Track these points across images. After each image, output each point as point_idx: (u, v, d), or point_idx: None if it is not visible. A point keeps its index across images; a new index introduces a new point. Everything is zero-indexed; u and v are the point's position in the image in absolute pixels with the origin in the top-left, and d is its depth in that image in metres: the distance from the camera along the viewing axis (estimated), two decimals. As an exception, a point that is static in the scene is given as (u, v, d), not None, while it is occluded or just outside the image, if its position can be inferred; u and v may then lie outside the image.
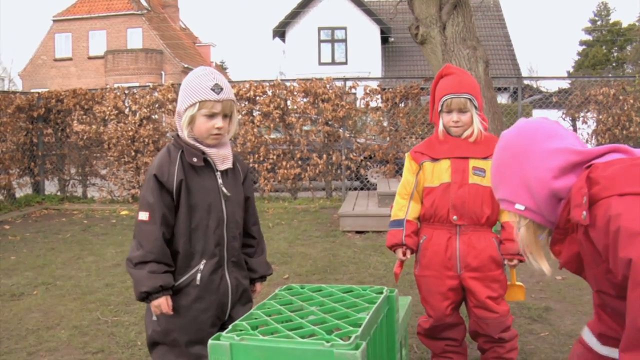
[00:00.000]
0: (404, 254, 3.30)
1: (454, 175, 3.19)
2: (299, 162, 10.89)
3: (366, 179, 11.45)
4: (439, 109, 3.23)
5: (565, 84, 14.00)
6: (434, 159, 3.25)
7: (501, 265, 3.26)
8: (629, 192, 1.51)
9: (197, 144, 2.56)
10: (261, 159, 10.89)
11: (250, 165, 10.94)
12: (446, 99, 3.18)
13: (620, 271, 1.47)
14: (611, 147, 1.70)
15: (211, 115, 2.52)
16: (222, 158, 2.63)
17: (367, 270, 5.92)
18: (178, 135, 2.61)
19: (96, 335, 4.36)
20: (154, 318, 2.58)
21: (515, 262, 3.22)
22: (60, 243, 7.94)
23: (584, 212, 1.56)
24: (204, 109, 2.50)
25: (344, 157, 10.96)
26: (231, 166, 2.67)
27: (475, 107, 3.21)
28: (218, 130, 2.54)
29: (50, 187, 12.26)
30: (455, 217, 3.18)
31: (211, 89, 2.50)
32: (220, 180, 2.61)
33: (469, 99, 3.17)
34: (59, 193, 12.07)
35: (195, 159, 2.54)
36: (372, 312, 2.00)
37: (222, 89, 2.53)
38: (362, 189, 11.30)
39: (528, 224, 1.78)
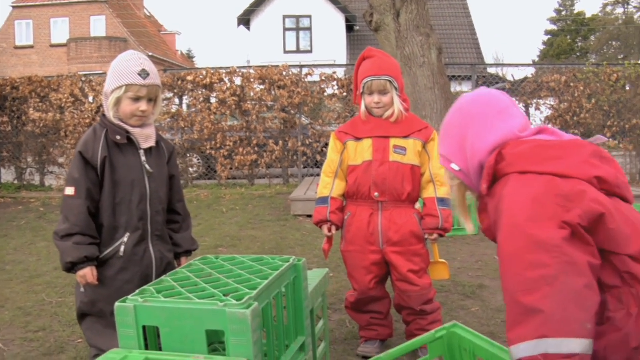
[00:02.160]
0: (329, 230, 3.45)
1: (376, 153, 3.34)
2: (256, 149, 11.00)
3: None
4: (361, 90, 3.38)
5: (525, 73, 14.28)
6: (357, 139, 3.40)
7: (422, 240, 3.42)
8: (530, 170, 1.62)
9: (121, 124, 2.69)
10: (218, 146, 10.96)
11: (208, 152, 11.01)
12: (367, 81, 3.33)
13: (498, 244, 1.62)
14: (541, 128, 1.79)
15: (136, 99, 2.66)
16: (146, 137, 2.76)
17: (312, 252, 6.07)
18: (104, 115, 2.74)
19: (39, 315, 4.44)
20: (82, 290, 2.71)
21: (435, 236, 3.39)
22: (14, 230, 7.95)
23: (486, 185, 1.70)
24: (130, 92, 2.64)
25: (300, 144, 11.08)
26: (154, 145, 2.80)
27: (396, 89, 3.35)
28: (142, 113, 2.69)
29: (7, 175, 12.19)
30: (377, 193, 3.33)
31: (138, 74, 2.64)
32: (143, 158, 2.74)
33: (389, 80, 3.32)
34: (16, 181, 11.99)
35: (118, 137, 2.67)
36: (271, 277, 2.14)
37: (148, 74, 2.67)
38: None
39: (459, 184, 1.89)
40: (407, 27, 9.07)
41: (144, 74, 2.65)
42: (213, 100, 11.12)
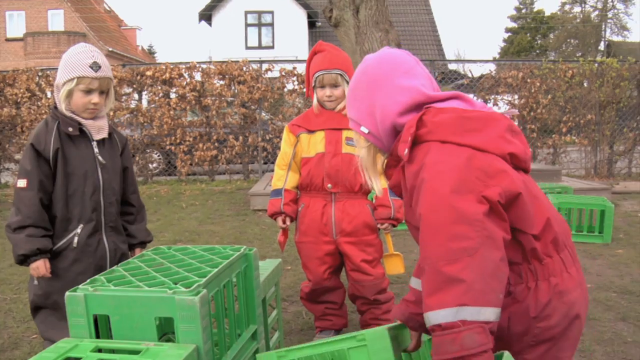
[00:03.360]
0: (284, 222, 3.49)
1: (328, 145, 3.39)
2: (216, 144, 10.98)
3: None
4: (313, 84, 3.43)
5: (485, 69, 14.51)
6: (310, 131, 3.45)
7: (375, 230, 3.49)
8: (450, 140, 1.65)
9: (73, 116, 2.69)
10: (178, 141, 10.91)
11: (167, 148, 10.95)
12: (318, 75, 3.38)
13: (417, 212, 1.65)
14: (453, 93, 1.80)
15: (88, 91, 2.67)
16: (98, 128, 2.77)
17: (271, 246, 6.11)
18: (56, 107, 2.74)
19: (-7, 311, 4.40)
20: (35, 282, 2.71)
21: (386, 225, 3.45)
22: (-32, 226, 7.80)
23: (406, 150, 1.70)
24: (81, 84, 2.65)
25: (260, 139, 11.10)
26: (107, 136, 2.81)
27: (347, 82, 3.41)
28: (94, 106, 2.69)
29: (-38, 172, 11.95)
30: (329, 185, 3.38)
31: (89, 66, 2.65)
32: (96, 150, 2.75)
33: (340, 74, 3.37)
34: (-29, 178, 11.78)
35: (70, 129, 2.67)
36: (221, 266, 2.17)
37: (100, 66, 2.68)
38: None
39: (369, 147, 1.89)
40: (367, 23, 9.14)
41: (95, 66, 2.66)
42: (173, 96, 11.07)
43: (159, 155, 11.52)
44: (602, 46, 44.99)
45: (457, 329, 1.49)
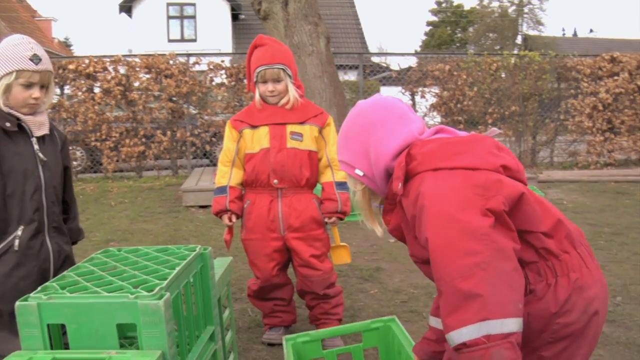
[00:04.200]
0: (230, 219, 3.42)
1: (273, 140, 3.34)
2: (143, 140, 10.70)
3: (213, 155, 11.46)
4: (255, 79, 3.36)
5: (409, 62, 14.70)
6: (253, 126, 3.39)
7: (323, 225, 3.47)
8: (442, 166, 1.69)
9: (11, 111, 2.53)
10: (103, 137, 10.57)
11: (92, 144, 10.60)
12: (260, 70, 3.32)
13: (422, 239, 1.67)
14: (438, 128, 1.87)
15: (28, 85, 2.51)
16: (39, 124, 2.62)
17: (207, 243, 6.00)
18: None
19: None
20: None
21: (334, 219, 3.44)
22: None
23: (400, 184, 1.73)
24: (21, 78, 2.49)
25: (189, 134, 10.90)
26: (48, 132, 2.67)
27: (290, 76, 3.37)
28: (35, 100, 2.55)
29: None
30: (275, 180, 3.34)
31: (29, 59, 2.49)
32: (36, 146, 2.59)
33: (282, 68, 3.32)
34: None
35: (8, 124, 2.50)
36: (180, 267, 2.09)
37: (40, 59, 2.53)
38: (208, 166, 11.31)
39: (364, 189, 1.92)
40: (296, 16, 9.10)
41: (35, 59, 2.50)
42: (97, 90, 10.69)
43: (82, 153, 11.12)
44: (519, 40, 46.49)
45: (484, 345, 1.49)
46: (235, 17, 27.71)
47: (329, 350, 2.51)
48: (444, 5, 55.28)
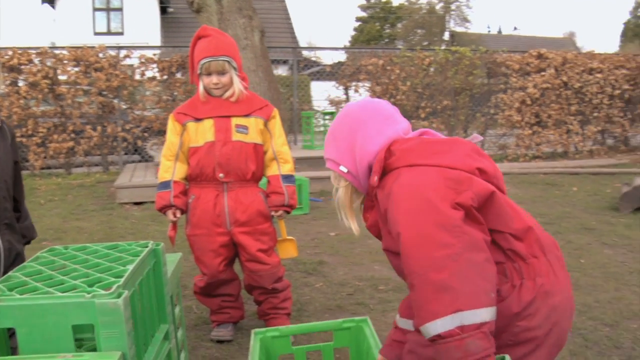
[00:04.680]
0: (174, 215, 3.33)
1: (218, 133, 3.27)
2: (72, 135, 10.34)
3: (144, 150, 11.21)
4: (198, 71, 3.28)
5: (340, 56, 14.78)
6: (197, 119, 3.31)
7: (269, 219, 3.42)
8: (418, 163, 1.72)
9: None
10: (29, 132, 10.16)
11: (18, 140, 10.15)
12: (204, 62, 3.24)
13: (394, 233, 1.68)
14: (421, 131, 1.92)
15: None
16: None
17: (145, 240, 5.79)
18: None
19: None
20: None
21: (280, 212, 3.40)
22: None
23: (377, 177, 1.78)
24: None
25: (120, 129, 10.61)
26: None
27: (235, 68, 3.30)
28: None
29: None
30: (221, 174, 3.27)
31: None
32: None
33: (227, 60, 3.26)
34: None
35: None
36: (135, 263, 2.01)
37: None
38: (140, 162, 11.06)
39: (347, 186, 1.95)
40: (230, 9, 8.99)
41: None
42: (21, 83, 10.25)
43: (6, 149, 10.64)
44: (446, 36, 47.45)
45: (458, 336, 1.51)
46: (163, 10, 27.18)
47: (298, 347, 2.47)
48: (372, 1, 55.82)
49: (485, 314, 1.52)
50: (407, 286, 1.67)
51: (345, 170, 1.91)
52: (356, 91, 12.39)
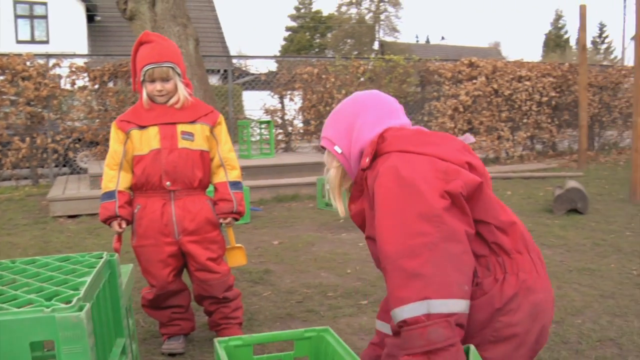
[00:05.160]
0: (120, 226, 3.23)
1: (163, 141, 3.20)
2: (-1, 147, 9.94)
3: (75, 162, 10.88)
4: (141, 78, 3.20)
5: (273, 64, 14.73)
6: (142, 127, 3.23)
7: (218, 227, 3.36)
8: (409, 150, 1.74)
9: None
10: (-48, 145, 9.71)
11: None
12: (147, 69, 3.17)
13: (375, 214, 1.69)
14: (417, 128, 1.95)
15: None
16: None
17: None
18: None
19: None
20: None
21: (229, 220, 3.35)
22: None
23: (368, 158, 1.80)
24: None
25: (50, 140, 10.26)
26: None
27: (179, 74, 3.24)
28: None
29: None
30: (168, 182, 3.19)
31: None
32: None
33: (171, 67, 3.19)
34: None
35: None
36: (93, 275, 1.93)
37: None
38: (71, 174, 10.72)
39: (338, 167, 1.97)
40: (164, 17, 8.88)
41: None
42: (-58, 93, 9.79)
43: None
44: (376, 46, 48.12)
45: (422, 323, 1.50)
46: (90, 18, 26.52)
47: (259, 356, 2.41)
48: (302, 11, 56.17)
49: (454, 305, 1.52)
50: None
51: (339, 151, 1.94)
52: (291, 100, 12.38)
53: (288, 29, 56.89)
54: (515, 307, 1.69)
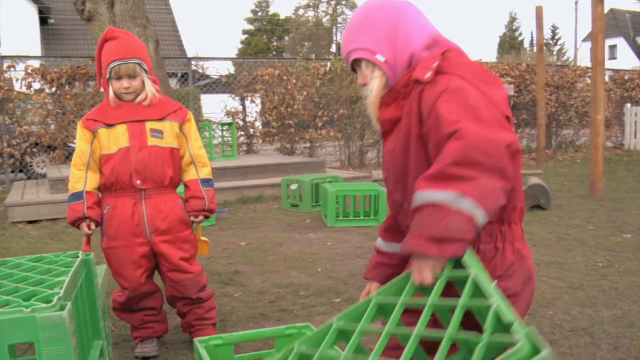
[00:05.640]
0: (89, 228, 3.14)
1: (132, 139, 3.12)
2: (-48, 152, 9.65)
3: (31, 167, 10.62)
4: (107, 75, 3.12)
5: (232, 67, 14.63)
6: (109, 125, 3.14)
7: (190, 225, 3.30)
8: (470, 80, 1.65)
9: None
10: None
11: None
12: (114, 66, 3.08)
13: (433, 128, 1.61)
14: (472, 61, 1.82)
15: None
16: None
17: (46, 258, 5.50)
18: None
19: None
20: None
21: (200, 218, 3.29)
22: None
23: (429, 72, 1.67)
24: None
25: (6, 145, 9.99)
26: None
27: (145, 71, 3.17)
28: None
29: None
30: (138, 181, 3.12)
31: None
32: None
33: (138, 63, 3.12)
34: None
35: None
36: (71, 274, 1.86)
37: None
38: (28, 179, 10.45)
39: (381, 76, 1.81)
40: (123, 18, 8.73)
41: None
42: None
43: None
44: (333, 48, 48.28)
45: (447, 211, 1.44)
46: (43, 20, 25.96)
47: (240, 355, 2.37)
48: (259, 14, 56.05)
49: (481, 216, 1.46)
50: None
51: (382, 59, 1.78)
52: (252, 101, 12.31)
53: (245, 32, 56.72)
54: (512, 272, 1.71)
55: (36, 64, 10.39)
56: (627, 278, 4.47)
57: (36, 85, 10.37)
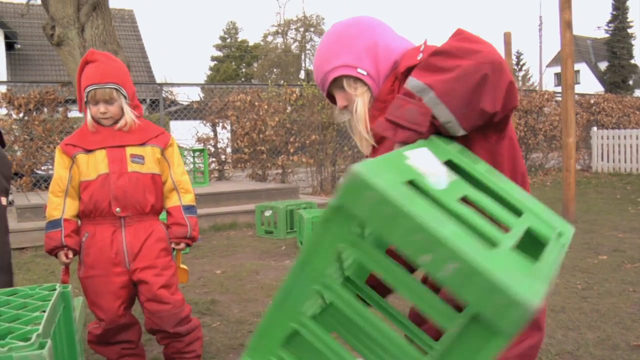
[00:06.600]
0: (67, 257, 3.02)
1: (112, 165, 3.02)
2: None
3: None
4: (85, 99, 3.03)
5: (201, 94, 14.54)
6: (88, 150, 3.04)
7: (171, 253, 3.20)
8: None
9: None
10: None
11: None
12: (90, 90, 3.00)
13: None
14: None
15: None
16: None
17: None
18: None
19: None
20: None
21: (182, 245, 3.19)
22: None
23: (421, 54, 1.63)
24: None
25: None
26: None
27: (124, 96, 3.08)
28: None
29: None
30: (118, 209, 3.01)
31: None
32: None
33: (115, 88, 3.03)
34: None
35: None
36: (49, 308, 1.75)
37: None
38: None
39: (366, 92, 1.76)
40: (93, 43, 8.65)
41: None
42: None
43: None
44: (302, 74, 48.52)
45: (411, 100, 1.41)
46: (10, 46, 25.63)
47: None
48: (228, 40, 56.16)
49: (442, 113, 1.40)
50: None
51: (364, 72, 1.74)
52: (224, 128, 12.23)
53: (214, 58, 56.69)
54: None
55: (2, 89, 10.17)
56: (607, 300, 4.46)
57: (2, 111, 10.15)
